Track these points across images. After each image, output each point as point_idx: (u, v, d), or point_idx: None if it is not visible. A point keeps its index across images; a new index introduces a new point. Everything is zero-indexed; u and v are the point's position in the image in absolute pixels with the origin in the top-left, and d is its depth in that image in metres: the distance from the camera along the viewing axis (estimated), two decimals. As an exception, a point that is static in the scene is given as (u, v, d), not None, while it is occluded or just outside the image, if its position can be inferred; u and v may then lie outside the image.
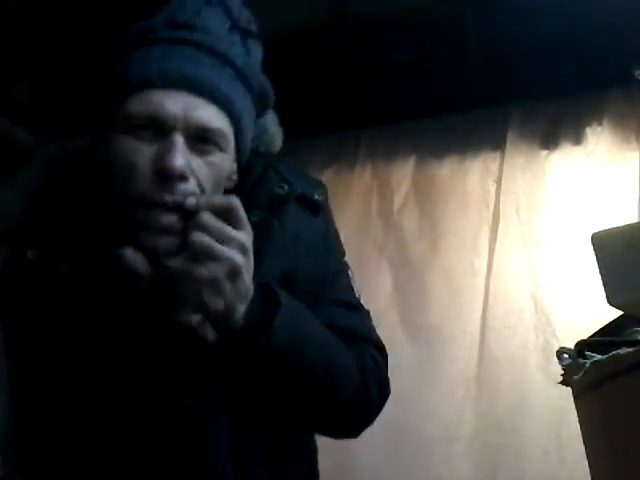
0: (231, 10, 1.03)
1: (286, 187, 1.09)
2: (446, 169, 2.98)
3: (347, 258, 1.25)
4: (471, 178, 2.93)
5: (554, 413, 2.44)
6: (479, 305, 2.75)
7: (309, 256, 1.10)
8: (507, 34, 2.63)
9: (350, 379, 1.06)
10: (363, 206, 3.00)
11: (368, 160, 3.08)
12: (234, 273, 0.87)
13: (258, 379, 0.96)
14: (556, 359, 1.48)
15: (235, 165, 1.03)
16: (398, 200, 3.00)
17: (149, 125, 0.94)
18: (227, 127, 0.98)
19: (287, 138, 1.21)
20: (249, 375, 0.95)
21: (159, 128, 0.94)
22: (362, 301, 1.19)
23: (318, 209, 1.14)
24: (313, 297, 1.07)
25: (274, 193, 1.08)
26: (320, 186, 1.17)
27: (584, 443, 1.41)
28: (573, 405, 1.44)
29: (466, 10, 2.59)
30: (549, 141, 2.86)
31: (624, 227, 1.49)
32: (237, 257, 0.87)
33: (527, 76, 2.75)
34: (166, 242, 0.88)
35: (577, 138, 2.82)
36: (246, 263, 0.89)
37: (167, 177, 0.91)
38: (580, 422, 1.43)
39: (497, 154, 2.92)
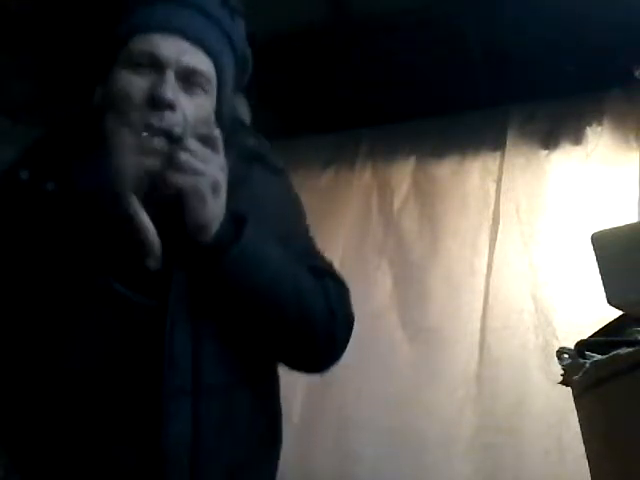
0: None
1: (257, 143, 1.23)
2: (446, 169, 2.98)
3: (347, 258, 1.27)
4: (471, 178, 2.93)
5: (554, 413, 2.44)
6: (479, 305, 2.75)
7: (271, 211, 1.18)
8: (507, 34, 2.63)
9: (316, 300, 1.13)
10: (363, 206, 3.00)
11: (368, 160, 3.09)
12: (216, 187, 1.01)
13: (226, 290, 1.05)
14: (556, 359, 1.48)
15: (213, 114, 1.13)
16: (398, 200, 3.00)
17: (147, 62, 1.07)
18: (212, 73, 1.11)
19: (287, 138, 1.23)
20: (218, 286, 1.05)
21: (154, 65, 1.07)
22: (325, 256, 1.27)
23: (278, 170, 1.25)
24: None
25: (245, 146, 1.21)
26: (273, 152, 1.28)
27: (584, 443, 1.41)
28: (573, 405, 1.44)
29: (466, 10, 2.58)
30: (549, 141, 2.87)
31: (624, 227, 1.49)
32: (218, 174, 1.01)
33: (527, 76, 2.75)
34: (155, 162, 0.98)
35: (577, 138, 2.82)
36: (224, 181, 1.02)
37: (158, 105, 1.03)
38: (580, 422, 1.43)
39: (497, 154, 2.92)
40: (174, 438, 1.00)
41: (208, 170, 1.00)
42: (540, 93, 2.80)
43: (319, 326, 1.13)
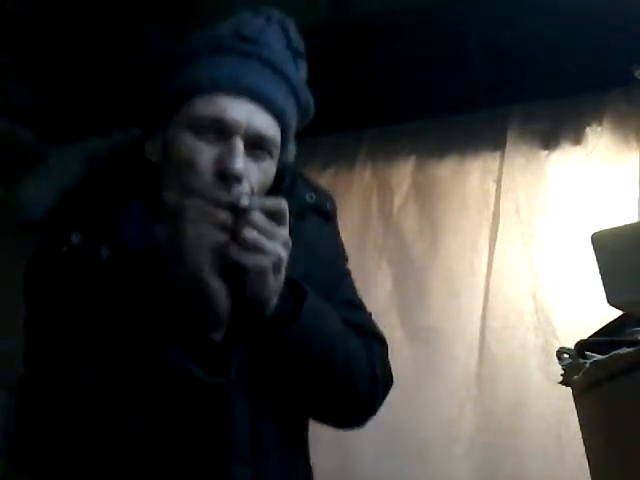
0: (287, 31, 1.14)
1: (314, 197, 1.20)
2: (446, 169, 2.98)
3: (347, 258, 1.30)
4: (471, 178, 2.93)
5: (554, 413, 2.44)
6: (479, 305, 2.75)
7: (323, 260, 1.19)
8: (507, 34, 2.63)
9: (362, 368, 1.14)
10: (363, 206, 3.00)
11: (368, 160, 3.08)
12: (278, 265, 0.97)
13: (283, 364, 1.04)
14: (556, 359, 1.48)
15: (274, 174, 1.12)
16: (398, 200, 3.00)
17: (212, 127, 1.03)
18: (279, 136, 1.09)
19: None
20: (275, 360, 1.04)
21: (222, 130, 1.02)
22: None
23: (330, 217, 1.24)
24: (325, 297, 1.14)
25: (304, 201, 1.19)
26: (331, 197, 1.27)
27: (584, 443, 1.41)
28: (573, 405, 1.45)
29: (466, 10, 2.58)
30: (549, 141, 2.86)
31: (624, 227, 1.50)
32: (282, 251, 0.97)
33: (527, 76, 2.75)
34: (220, 236, 0.95)
35: (577, 138, 2.82)
36: (286, 257, 0.99)
37: (227, 178, 1.00)
38: (580, 422, 1.43)
39: (497, 154, 2.92)
40: None
41: (272, 248, 0.96)
42: (540, 93, 2.80)
43: (362, 392, 1.14)
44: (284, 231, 0.98)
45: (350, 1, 2.60)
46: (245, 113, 1.03)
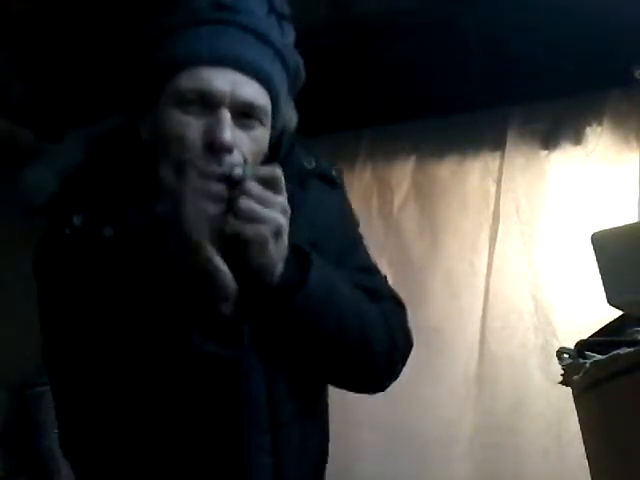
0: None
1: (313, 162, 1.17)
2: (446, 169, 2.98)
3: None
4: (471, 178, 2.93)
5: (554, 413, 2.45)
6: (479, 305, 2.75)
7: (332, 226, 1.17)
8: (507, 34, 2.63)
9: (378, 332, 1.12)
10: (363, 206, 2.99)
11: (368, 160, 3.08)
12: (278, 233, 0.96)
13: (295, 333, 1.03)
14: (556, 359, 1.48)
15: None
16: (398, 200, 3.00)
17: (198, 100, 1.01)
18: (268, 103, 1.06)
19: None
20: (286, 329, 1.02)
21: (207, 103, 1.01)
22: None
23: (335, 184, 1.21)
24: (336, 264, 1.13)
25: (303, 167, 1.15)
26: (334, 165, 1.24)
27: (584, 443, 1.41)
28: (573, 405, 1.44)
29: (466, 10, 2.58)
30: (549, 141, 2.86)
31: (624, 227, 1.50)
32: (280, 218, 0.96)
33: (527, 76, 2.75)
34: (216, 208, 0.93)
35: (577, 138, 2.82)
36: (286, 224, 0.97)
37: (216, 149, 0.98)
38: (580, 422, 1.43)
39: (497, 154, 2.92)
40: (257, 469, 1.01)
41: (270, 215, 0.95)
42: (540, 93, 2.80)
43: (380, 356, 1.13)
44: (281, 198, 0.96)
45: (350, 1, 2.60)
46: (229, 82, 1.01)
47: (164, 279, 0.97)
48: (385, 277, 1.26)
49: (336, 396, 1.23)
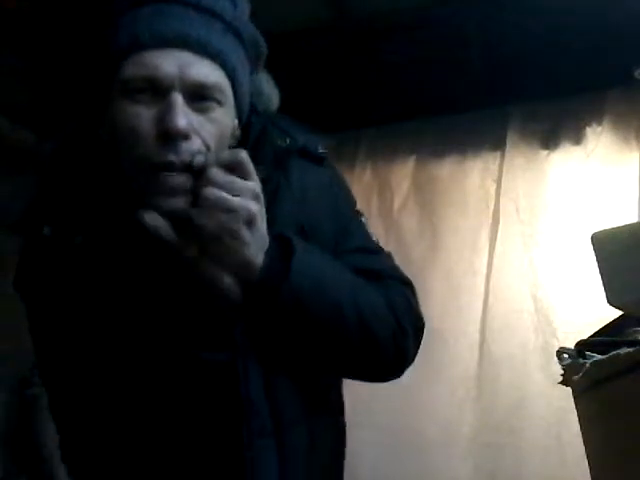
0: None
1: (288, 140, 1.08)
2: (446, 169, 2.98)
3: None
4: (471, 178, 2.93)
5: (554, 413, 2.45)
6: (479, 305, 2.75)
7: (319, 207, 1.10)
8: (507, 34, 2.63)
9: (381, 316, 1.04)
10: (363, 206, 2.96)
11: (368, 160, 3.09)
12: (251, 221, 0.90)
13: (286, 326, 0.96)
14: (556, 359, 1.48)
15: (236, 121, 1.02)
16: (398, 200, 3.00)
17: (146, 87, 0.93)
18: (224, 81, 0.97)
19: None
20: (277, 324, 0.95)
21: (156, 89, 0.93)
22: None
23: (321, 161, 1.13)
24: (332, 247, 1.07)
25: (276, 147, 1.07)
26: (322, 140, 1.16)
27: (584, 443, 1.41)
28: (573, 405, 1.44)
29: (466, 10, 2.58)
30: (549, 141, 2.87)
31: (624, 227, 1.50)
32: (252, 205, 0.89)
33: (527, 76, 2.75)
34: (178, 202, 0.89)
35: (577, 138, 2.83)
36: (260, 210, 0.91)
37: (171, 138, 0.91)
38: (580, 422, 1.43)
39: (497, 154, 2.92)
40: (261, 471, 0.96)
41: (240, 204, 0.88)
42: (540, 93, 2.80)
43: (385, 340, 1.05)
44: (251, 184, 0.90)
45: (350, 1, 2.60)
46: (176, 64, 0.93)
47: (150, 285, 0.93)
48: (389, 255, 1.18)
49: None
